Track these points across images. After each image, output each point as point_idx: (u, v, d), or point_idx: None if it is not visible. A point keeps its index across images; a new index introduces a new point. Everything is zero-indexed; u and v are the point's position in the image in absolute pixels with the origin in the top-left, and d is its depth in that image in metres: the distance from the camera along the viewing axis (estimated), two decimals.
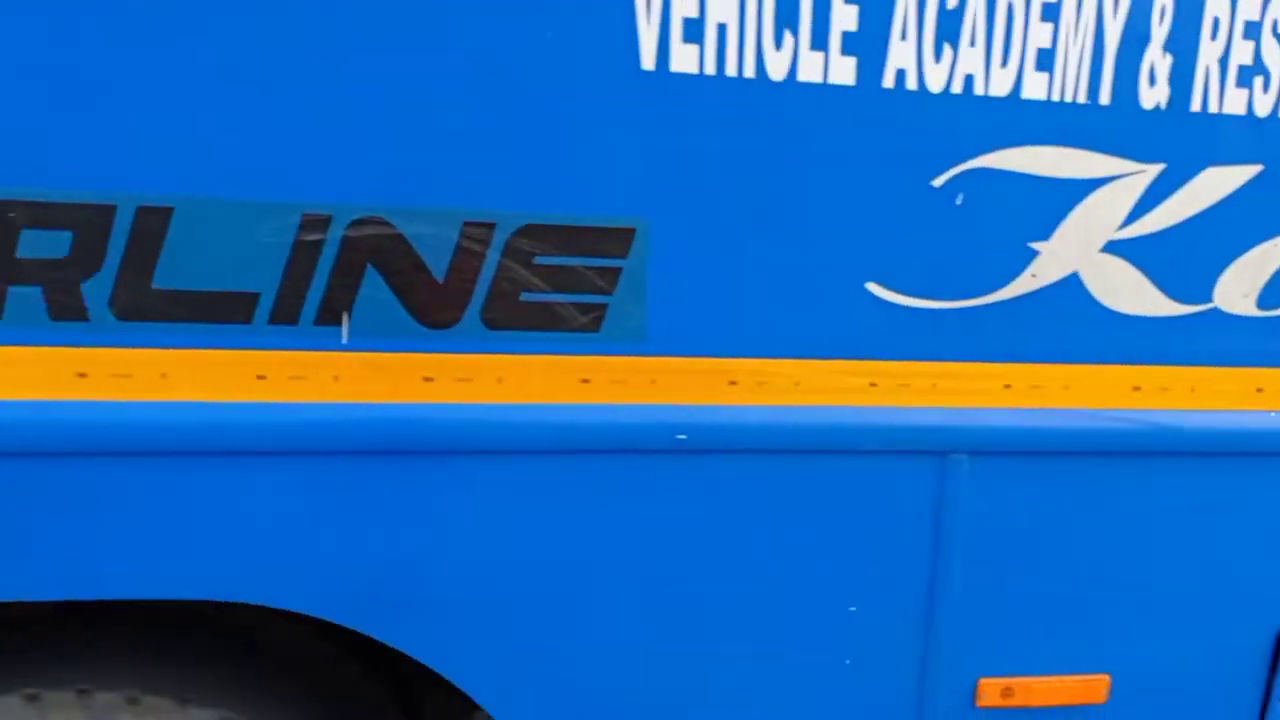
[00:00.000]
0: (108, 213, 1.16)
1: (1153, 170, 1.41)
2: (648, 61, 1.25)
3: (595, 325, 1.31)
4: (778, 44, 1.27)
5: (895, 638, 1.51)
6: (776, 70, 1.28)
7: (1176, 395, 1.49)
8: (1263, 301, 1.48)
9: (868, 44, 1.29)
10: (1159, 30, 1.36)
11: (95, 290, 1.18)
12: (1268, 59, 1.39)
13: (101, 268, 1.17)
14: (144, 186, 1.16)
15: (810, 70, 1.29)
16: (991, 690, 1.55)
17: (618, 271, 1.30)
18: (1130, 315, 1.46)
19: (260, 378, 1.24)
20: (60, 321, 1.18)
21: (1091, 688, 1.58)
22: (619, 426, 1.34)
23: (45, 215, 1.15)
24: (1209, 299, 1.47)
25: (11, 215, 1.14)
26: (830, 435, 1.40)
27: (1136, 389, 1.48)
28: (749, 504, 1.41)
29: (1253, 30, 1.38)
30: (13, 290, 1.16)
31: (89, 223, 1.16)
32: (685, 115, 1.27)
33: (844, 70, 1.30)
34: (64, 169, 1.14)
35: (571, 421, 1.32)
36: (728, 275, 1.33)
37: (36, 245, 1.15)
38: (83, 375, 1.20)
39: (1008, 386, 1.45)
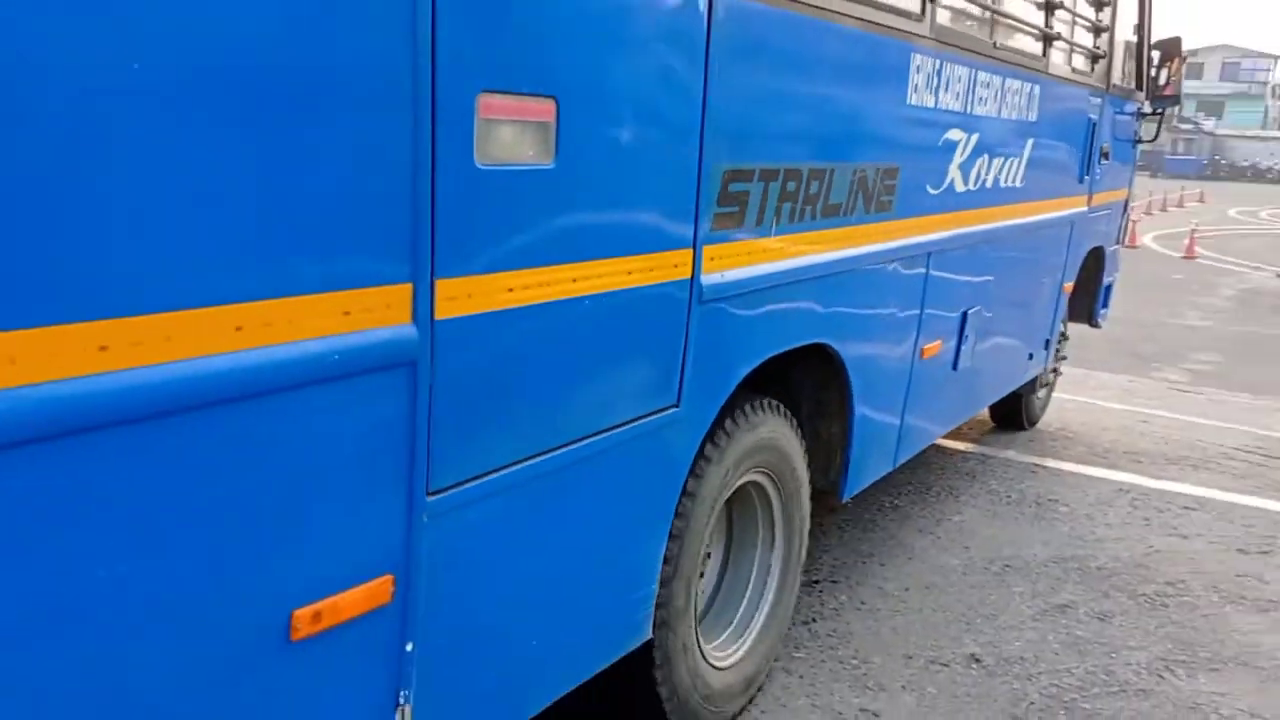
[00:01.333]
0: None
1: (967, 134, 3.85)
2: (909, 100, 3.27)
3: None
4: (940, 91, 3.38)
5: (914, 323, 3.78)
6: (943, 103, 3.40)
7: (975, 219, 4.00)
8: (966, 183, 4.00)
9: (964, 97, 3.47)
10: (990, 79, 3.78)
11: None
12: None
13: None
14: None
15: (949, 102, 3.43)
16: None
17: (894, 185, 3.31)
18: (960, 191, 3.89)
19: None
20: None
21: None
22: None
23: None
24: (970, 184, 3.98)
25: None
26: (924, 247, 3.59)
27: (978, 222, 3.95)
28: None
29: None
30: None
31: None
32: (917, 120, 3.33)
33: (955, 102, 3.47)
34: None
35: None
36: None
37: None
38: None
39: (958, 221, 3.77)
